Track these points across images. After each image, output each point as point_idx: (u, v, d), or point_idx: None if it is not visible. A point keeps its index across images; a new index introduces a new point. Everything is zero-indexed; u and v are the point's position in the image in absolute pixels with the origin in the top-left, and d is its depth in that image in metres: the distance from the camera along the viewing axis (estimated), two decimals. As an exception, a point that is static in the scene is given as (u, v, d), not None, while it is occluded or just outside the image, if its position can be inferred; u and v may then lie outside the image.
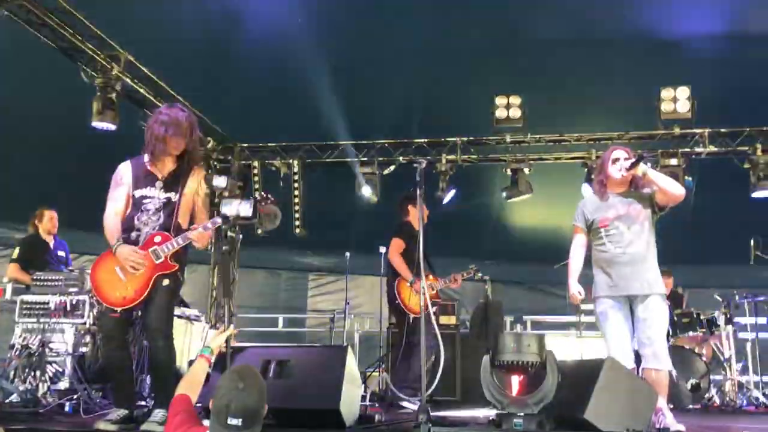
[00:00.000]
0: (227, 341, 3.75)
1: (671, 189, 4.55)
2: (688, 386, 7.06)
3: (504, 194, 8.98)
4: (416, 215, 6.45)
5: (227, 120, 9.16)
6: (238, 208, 4.04)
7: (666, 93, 8.04)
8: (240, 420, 2.63)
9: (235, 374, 2.79)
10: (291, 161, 9.51)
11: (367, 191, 9.05)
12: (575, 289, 4.77)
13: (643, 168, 4.56)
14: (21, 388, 5.21)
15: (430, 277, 6.63)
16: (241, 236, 8.18)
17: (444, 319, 7.75)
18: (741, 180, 8.43)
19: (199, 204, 4.39)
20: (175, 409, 3.09)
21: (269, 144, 9.77)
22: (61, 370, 5.45)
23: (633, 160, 4.60)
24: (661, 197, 4.61)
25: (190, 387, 3.35)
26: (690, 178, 8.20)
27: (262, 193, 4.43)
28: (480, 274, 7.41)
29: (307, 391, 4.17)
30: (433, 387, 5.16)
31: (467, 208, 9.80)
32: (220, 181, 4.35)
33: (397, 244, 6.69)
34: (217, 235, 4.80)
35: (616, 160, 4.70)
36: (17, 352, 5.42)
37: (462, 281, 7.22)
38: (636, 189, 4.72)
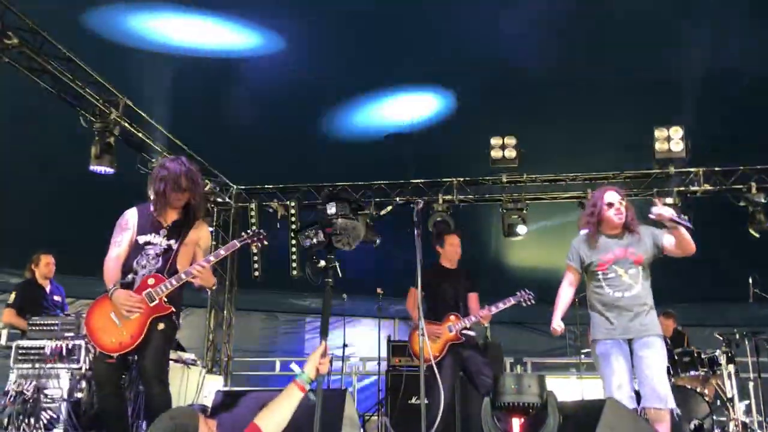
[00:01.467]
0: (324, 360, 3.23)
1: (687, 248, 4.47)
2: (691, 427, 6.96)
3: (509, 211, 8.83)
4: (446, 255, 6.45)
5: (224, 162, 9.21)
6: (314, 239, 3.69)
7: (659, 133, 8.12)
8: None
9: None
10: (288, 203, 9.53)
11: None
12: (556, 323, 4.75)
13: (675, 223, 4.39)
14: (15, 435, 5.15)
15: (451, 317, 6.18)
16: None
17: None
18: (739, 217, 8.45)
19: (200, 256, 4.42)
20: None
21: (266, 186, 9.82)
22: (56, 416, 5.39)
23: (677, 218, 4.40)
24: (673, 250, 4.56)
25: (266, 417, 2.91)
26: (687, 217, 8.21)
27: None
28: (531, 300, 6.34)
29: (305, 435, 4.11)
30: (433, 430, 5.09)
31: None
32: (331, 207, 3.80)
33: (410, 294, 6.39)
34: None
35: (611, 204, 4.68)
36: (11, 399, 5.36)
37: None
38: (630, 232, 4.70)
